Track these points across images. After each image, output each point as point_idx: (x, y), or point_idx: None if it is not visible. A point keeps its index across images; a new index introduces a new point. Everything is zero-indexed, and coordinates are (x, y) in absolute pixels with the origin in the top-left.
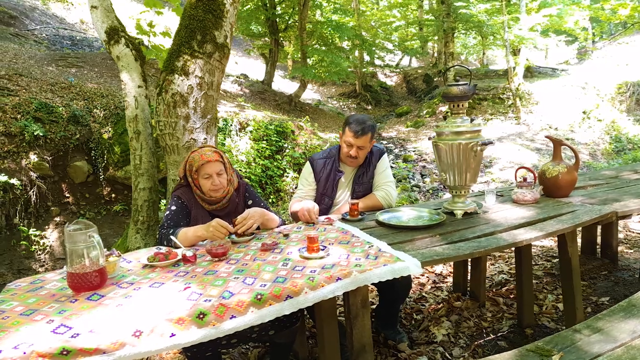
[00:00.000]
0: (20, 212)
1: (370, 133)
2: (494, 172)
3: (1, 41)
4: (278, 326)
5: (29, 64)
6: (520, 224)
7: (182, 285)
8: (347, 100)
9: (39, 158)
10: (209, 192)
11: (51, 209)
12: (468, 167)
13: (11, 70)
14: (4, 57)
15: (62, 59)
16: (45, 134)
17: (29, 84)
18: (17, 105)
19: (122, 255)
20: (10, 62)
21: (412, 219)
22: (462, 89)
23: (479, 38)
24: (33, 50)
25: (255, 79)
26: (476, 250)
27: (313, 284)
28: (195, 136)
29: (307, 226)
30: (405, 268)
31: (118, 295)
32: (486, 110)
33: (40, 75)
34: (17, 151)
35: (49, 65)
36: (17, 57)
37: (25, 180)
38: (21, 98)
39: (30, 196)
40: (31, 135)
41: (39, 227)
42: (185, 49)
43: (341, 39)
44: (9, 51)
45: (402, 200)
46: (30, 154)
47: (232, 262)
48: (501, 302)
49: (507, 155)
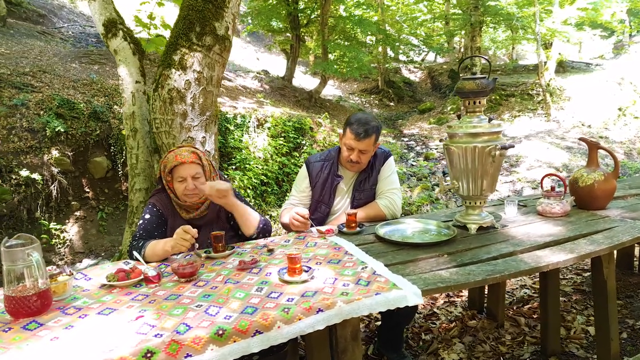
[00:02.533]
0: (42, 206)
1: (375, 135)
2: (520, 171)
3: (28, 39)
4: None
5: (53, 61)
6: (545, 242)
7: (135, 313)
8: (369, 96)
9: (60, 153)
10: (182, 196)
11: (72, 204)
12: (484, 174)
13: (35, 67)
14: (29, 54)
15: (85, 56)
16: (66, 129)
17: (52, 81)
18: (40, 101)
19: (83, 271)
20: (35, 60)
21: (418, 233)
22: (479, 83)
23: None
24: (58, 47)
25: (276, 75)
26: (490, 276)
27: (288, 316)
28: (193, 134)
29: (298, 238)
30: (402, 298)
31: (58, 325)
32: (514, 106)
33: (63, 72)
34: (39, 147)
35: (72, 63)
36: (42, 55)
37: (47, 175)
38: (44, 94)
39: (51, 191)
40: (53, 131)
41: (59, 221)
42: (182, 41)
43: (364, 34)
44: (35, 48)
45: (422, 200)
46: (52, 150)
47: (200, 284)
48: (522, 323)
49: (535, 154)
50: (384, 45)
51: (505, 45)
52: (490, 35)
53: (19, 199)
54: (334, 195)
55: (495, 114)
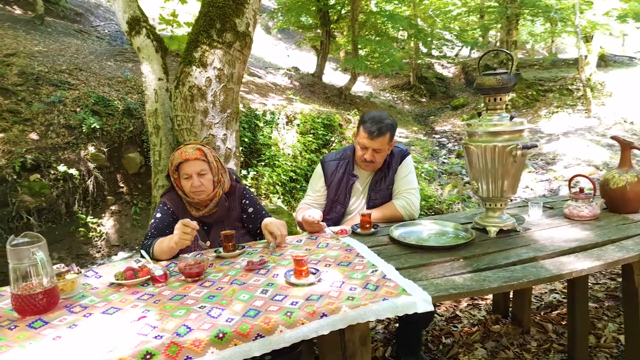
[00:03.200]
0: (79, 200)
1: (389, 133)
2: (557, 170)
3: (65, 37)
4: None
5: (89, 59)
6: (570, 248)
7: (138, 313)
8: (400, 92)
9: (96, 149)
10: (190, 194)
11: (107, 198)
12: (505, 175)
13: (72, 65)
14: (66, 52)
15: (120, 54)
16: (101, 126)
17: (88, 79)
18: (76, 98)
19: (94, 268)
20: (71, 57)
21: (434, 236)
22: (500, 78)
23: (547, 25)
24: (94, 45)
25: (306, 71)
26: (506, 283)
27: (290, 321)
28: (214, 132)
29: (310, 239)
30: (411, 304)
31: (63, 324)
32: (551, 102)
33: (98, 69)
34: (76, 143)
35: (108, 60)
36: (78, 53)
37: (84, 171)
38: (80, 92)
39: (88, 185)
40: (89, 127)
41: (96, 215)
42: (203, 38)
43: (395, 29)
44: (72, 46)
45: (453, 198)
46: (88, 146)
47: (206, 285)
48: (550, 329)
49: (573, 152)
50: (416, 41)
51: (544, 39)
52: (528, 29)
53: (58, 194)
54: (350, 195)
55: (531, 110)
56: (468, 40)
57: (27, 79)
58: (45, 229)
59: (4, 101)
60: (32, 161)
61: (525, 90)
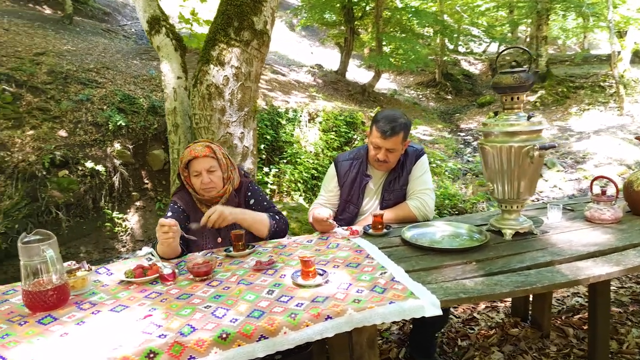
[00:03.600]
0: (105, 196)
1: (403, 133)
2: (588, 169)
3: (93, 36)
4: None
5: (116, 57)
6: (589, 252)
7: (145, 312)
8: (425, 89)
9: (122, 146)
10: (200, 191)
11: (132, 194)
12: (522, 176)
13: (99, 63)
14: (94, 51)
15: (145, 53)
16: (127, 124)
17: (114, 77)
18: (103, 96)
19: (106, 266)
20: (99, 56)
21: (447, 238)
22: (517, 77)
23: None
24: (121, 44)
25: (329, 68)
26: (519, 288)
27: (294, 322)
28: (232, 130)
29: (321, 239)
30: (419, 308)
31: (71, 320)
32: (582, 99)
33: (125, 68)
34: (103, 140)
35: (134, 59)
36: (105, 51)
37: (110, 167)
38: (107, 90)
39: (113, 182)
40: (115, 125)
41: (121, 211)
42: (221, 36)
43: (420, 26)
44: (99, 45)
45: (479, 197)
46: (115, 143)
47: (213, 284)
48: (570, 334)
49: (604, 151)
50: (442, 37)
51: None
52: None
53: (85, 189)
54: (363, 195)
55: (561, 107)
56: (496, 36)
57: (56, 77)
58: (73, 224)
59: (34, 99)
60: (61, 157)
61: (556, 87)
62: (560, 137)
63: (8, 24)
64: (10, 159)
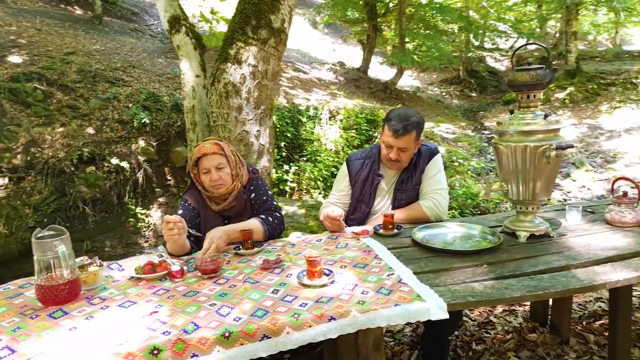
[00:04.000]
0: (129, 192)
1: (415, 131)
2: (618, 168)
3: (121, 36)
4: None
5: (142, 56)
6: (607, 257)
7: (151, 308)
8: (449, 86)
9: (146, 143)
10: (209, 188)
11: (155, 190)
12: (538, 177)
13: (126, 62)
14: (122, 50)
15: (170, 51)
16: (151, 121)
17: (140, 75)
18: (129, 94)
19: (119, 262)
20: (126, 55)
21: (459, 239)
22: (533, 74)
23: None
24: (147, 43)
25: (351, 66)
26: (530, 293)
27: (297, 323)
28: (248, 128)
29: (330, 238)
30: (424, 311)
31: (81, 315)
32: (614, 96)
33: (150, 66)
34: (128, 137)
35: (159, 58)
36: (132, 51)
37: (134, 164)
38: (133, 88)
39: (138, 178)
40: (140, 122)
41: (145, 206)
42: (238, 35)
43: (444, 22)
44: (126, 45)
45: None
46: (139, 140)
47: (220, 282)
48: (591, 341)
49: (636, 150)
50: (467, 33)
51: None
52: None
53: (110, 185)
54: (374, 195)
55: (591, 105)
56: (524, 32)
57: (85, 76)
58: (99, 219)
59: (64, 97)
60: (88, 154)
61: (586, 84)
62: (589, 136)
63: (40, 24)
64: (40, 155)
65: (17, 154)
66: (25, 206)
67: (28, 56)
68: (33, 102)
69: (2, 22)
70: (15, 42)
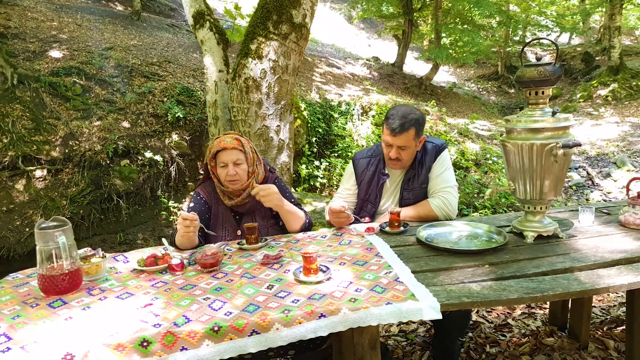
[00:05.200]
0: (162, 185)
1: (414, 129)
2: None
3: (158, 31)
4: (299, 346)
5: (178, 51)
6: (614, 260)
7: (147, 300)
8: (487, 82)
9: (180, 137)
10: (225, 182)
11: (187, 184)
12: (546, 176)
13: (162, 57)
14: (158, 45)
15: None
16: (185, 115)
17: (175, 70)
18: (164, 89)
19: (124, 253)
20: (162, 50)
21: (464, 238)
22: (541, 70)
23: None
24: (183, 39)
25: (386, 61)
26: (528, 295)
27: (287, 319)
28: (268, 123)
29: (335, 235)
30: (417, 311)
31: (79, 305)
32: None
33: (185, 61)
34: (162, 131)
35: (194, 53)
36: (168, 46)
37: (167, 157)
38: (168, 83)
39: (170, 172)
40: (174, 116)
41: (177, 200)
42: (259, 30)
43: (482, 16)
44: (163, 40)
45: None
46: (173, 134)
47: (219, 276)
48: (611, 347)
49: None
50: (506, 28)
51: None
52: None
53: (144, 178)
54: (380, 194)
55: (635, 102)
56: (567, 26)
57: (122, 71)
58: (132, 211)
59: (102, 91)
60: (123, 147)
61: (629, 81)
62: (632, 134)
63: (81, 20)
64: (78, 148)
65: (55, 146)
66: (63, 198)
67: (68, 51)
68: (72, 96)
69: (45, 17)
70: (57, 37)
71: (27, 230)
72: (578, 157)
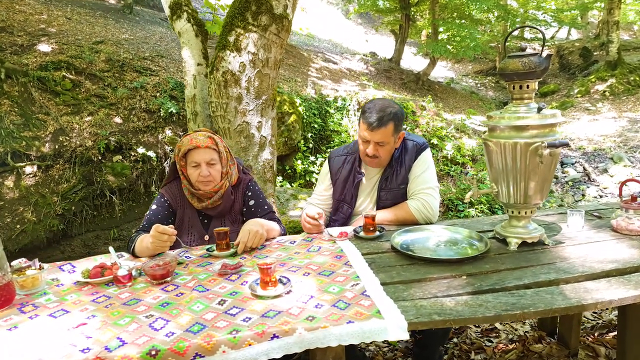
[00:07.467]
0: (156, 181)
1: (393, 123)
2: None
3: (151, 25)
4: None
5: (170, 46)
6: (604, 270)
7: (81, 319)
8: (484, 78)
9: (173, 133)
10: (196, 184)
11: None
12: (531, 177)
13: (154, 52)
14: (150, 40)
15: None
16: (178, 111)
17: (167, 65)
18: (156, 84)
19: (72, 262)
20: (154, 45)
21: (443, 245)
22: (526, 62)
23: None
24: None
25: (383, 56)
26: (506, 312)
27: (235, 341)
28: (249, 119)
29: (304, 240)
30: (381, 331)
31: (5, 324)
32: None
33: (178, 56)
34: (155, 126)
35: None
36: (161, 40)
37: (161, 153)
38: (160, 78)
39: (164, 168)
40: (167, 112)
41: None
42: (238, 21)
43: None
44: (156, 34)
45: None
46: (166, 129)
47: (169, 289)
48: (602, 354)
49: None
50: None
51: None
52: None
53: (137, 174)
54: (357, 194)
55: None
56: (565, 21)
57: (114, 65)
58: (126, 207)
59: (92, 86)
60: (115, 143)
61: (627, 76)
62: (629, 130)
63: (71, 13)
64: (69, 143)
65: (45, 142)
66: (54, 194)
67: (57, 45)
68: (62, 91)
69: (33, 10)
70: (46, 30)
71: (18, 227)
72: (575, 153)
